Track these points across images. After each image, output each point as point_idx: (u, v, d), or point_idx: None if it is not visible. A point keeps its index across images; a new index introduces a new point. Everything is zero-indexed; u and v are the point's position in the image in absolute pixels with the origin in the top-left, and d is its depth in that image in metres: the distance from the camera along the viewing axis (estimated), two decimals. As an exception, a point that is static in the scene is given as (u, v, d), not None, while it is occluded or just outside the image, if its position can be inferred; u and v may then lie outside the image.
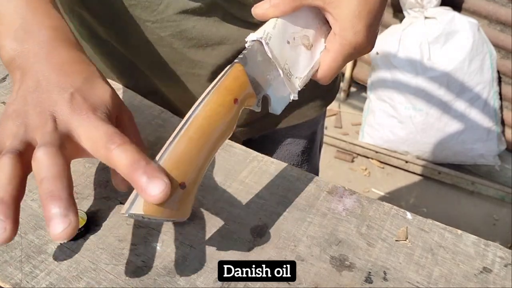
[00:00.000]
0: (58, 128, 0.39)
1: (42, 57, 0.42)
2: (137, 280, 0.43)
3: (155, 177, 0.35)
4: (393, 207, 0.51)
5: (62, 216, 0.33)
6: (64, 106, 0.39)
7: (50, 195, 0.34)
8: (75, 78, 0.41)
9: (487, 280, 0.45)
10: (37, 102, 0.40)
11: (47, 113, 0.39)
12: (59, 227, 0.33)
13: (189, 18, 0.57)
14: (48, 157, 0.36)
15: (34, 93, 0.40)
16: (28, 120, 0.39)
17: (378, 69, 2.04)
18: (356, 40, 0.47)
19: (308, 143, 0.78)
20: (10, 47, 0.43)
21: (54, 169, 0.35)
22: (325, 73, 0.49)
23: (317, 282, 0.44)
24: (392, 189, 2.02)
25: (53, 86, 0.40)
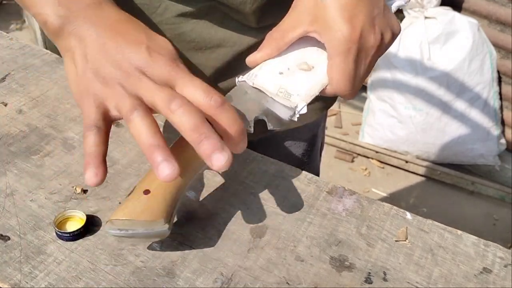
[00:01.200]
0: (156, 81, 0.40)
1: (95, 20, 0.42)
2: (136, 281, 0.43)
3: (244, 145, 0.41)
4: (393, 207, 0.51)
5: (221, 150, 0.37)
6: (147, 61, 0.40)
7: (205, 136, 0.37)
8: (139, 35, 0.42)
9: (487, 280, 0.45)
10: (116, 63, 0.40)
11: (133, 70, 0.40)
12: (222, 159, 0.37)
13: (187, 21, 0.57)
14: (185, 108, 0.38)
15: (106, 55, 0.41)
16: (119, 79, 0.40)
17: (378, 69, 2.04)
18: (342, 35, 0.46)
19: (308, 145, 0.78)
20: (57, 13, 0.42)
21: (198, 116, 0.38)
22: (336, 82, 0.48)
23: (316, 282, 0.44)
24: (392, 189, 2.02)
25: (124, 45, 0.41)
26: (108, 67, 0.40)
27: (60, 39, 0.43)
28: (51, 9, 0.42)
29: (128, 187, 0.51)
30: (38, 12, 0.44)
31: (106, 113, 0.40)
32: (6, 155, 0.54)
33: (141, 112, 0.38)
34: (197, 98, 0.39)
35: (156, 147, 0.37)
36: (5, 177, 0.51)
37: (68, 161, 0.53)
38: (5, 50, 0.70)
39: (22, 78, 0.65)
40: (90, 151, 0.38)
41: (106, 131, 0.40)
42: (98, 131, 0.39)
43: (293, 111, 0.48)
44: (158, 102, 0.38)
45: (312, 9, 0.47)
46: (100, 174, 0.38)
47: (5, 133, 0.56)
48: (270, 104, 0.48)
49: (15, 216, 0.47)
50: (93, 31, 0.42)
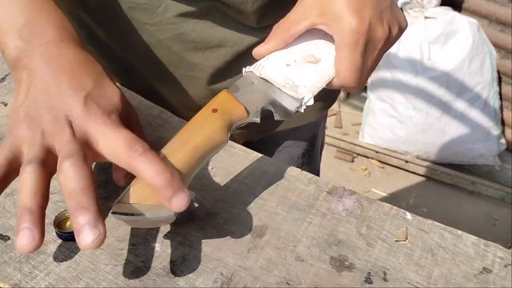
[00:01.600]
0: (76, 135, 0.39)
1: (50, 58, 0.42)
2: (136, 281, 0.43)
3: (179, 190, 0.37)
4: (393, 207, 0.51)
5: (92, 227, 0.34)
6: (79, 111, 0.39)
7: (80, 207, 0.35)
8: (86, 81, 0.41)
9: (487, 280, 0.45)
10: (50, 106, 0.40)
11: (62, 118, 0.39)
12: (89, 237, 0.34)
13: (188, 21, 0.57)
14: (75, 170, 0.36)
15: (45, 95, 0.40)
16: (44, 125, 0.39)
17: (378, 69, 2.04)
18: (351, 27, 0.45)
19: (308, 145, 0.78)
20: (15, 45, 0.42)
21: (82, 182, 0.36)
22: (344, 74, 0.48)
23: (316, 282, 0.44)
24: (392, 189, 2.02)
25: (65, 89, 0.40)
26: (40, 109, 0.40)
27: (15, 70, 0.43)
28: (11, 40, 0.43)
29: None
30: (0, 41, 0.44)
31: (17, 158, 0.39)
32: (6, 155, 0.54)
33: (33, 167, 0.37)
34: (117, 150, 0.38)
35: (27, 210, 0.36)
36: (5, 177, 0.51)
37: (68, 161, 0.53)
38: (5, 50, 0.70)
39: (22, 78, 0.65)
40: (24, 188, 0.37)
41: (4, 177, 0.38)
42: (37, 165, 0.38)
43: (300, 102, 0.48)
44: (59, 157, 0.38)
45: (319, 1, 0.47)
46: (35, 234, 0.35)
47: (5, 133, 0.56)
48: (277, 95, 0.48)
49: (15, 216, 0.47)
50: (43, 69, 0.41)
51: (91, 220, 0.35)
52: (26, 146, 0.39)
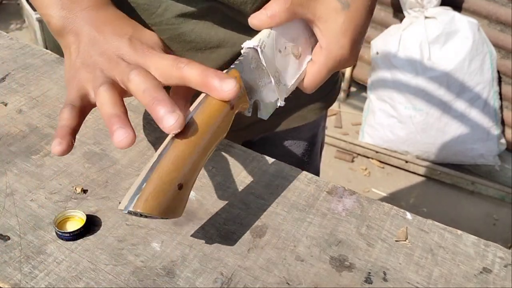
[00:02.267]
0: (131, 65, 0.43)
1: (91, 19, 0.47)
2: (136, 281, 0.43)
3: (226, 78, 0.41)
4: (393, 207, 0.51)
5: (171, 112, 0.38)
6: (127, 48, 0.45)
7: (156, 100, 0.39)
8: (126, 28, 0.47)
9: (487, 280, 0.45)
10: (101, 52, 0.45)
11: (114, 57, 0.44)
12: (171, 120, 0.38)
13: (188, 22, 0.57)
14: (141, 75, 0.41)
15: (94, 45, 0.45)
16: (100, 65, 0.44)
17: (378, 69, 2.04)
18: (341, 54, 0.50)
19: (308, 145, 0.78)
20: (58, 15, 0.48)
21: (152, 82, 0.41)
22: (309, 83, 0.52)
23: (316, 282, 0.44)
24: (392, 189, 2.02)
25: (110, 36, 0.46)
26: (93, 56, 0.45)
27: (62, 37, 0.48)
28: (54, 11, 0.48)
29: (128, 187, 0.51)
30: (44, 13, 0.49)
31: (85, 96, 0.44)
32: (6, 155, 0.54)
33: (106, 86, 0.42)
34: (166, 68, 0.42)
35: (114, 115, 0.40)
36: (5, 177, 0.51)
37: (68, 161, 0.53)
38: (5, 50, 0.70)
39: (22, 78, 0.65)
40: (61, 124, 0.41)
41: (81, 109, 0.43)
42: (72, 108, 0.42)
43: (277, 102, 0.49)
44: (123, 76, 0.42)
45: (330, 10, 0.49)
46: (64, 143, 0.40)
47: (5, 133, 0.56)
48: (265, 86, 0.48)
49: (15, 216, 0.47)
50: (87, 28, 0.47)
51: (169, 108, 0.38)
52: (91, 84, 0.44)
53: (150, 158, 0.41)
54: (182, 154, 0.40)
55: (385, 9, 2.14)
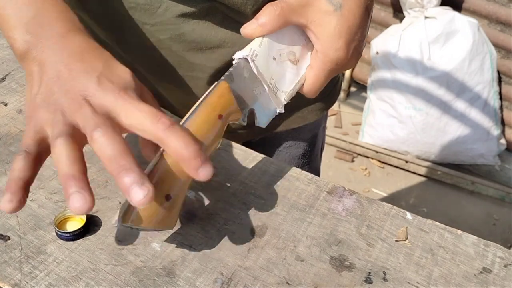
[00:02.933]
0: (96, 111, 0.39)
1: (58, 48, 0.42)
2: (136, 281, 0.43)
3: (206, 161, 0.38)
4: (393, 207, 0.51)
5: (140, 184, 0.35)
6: (94, 90, 0.40)
7: (123, 169, 0.36)
8: (96, 64, 0.42)
9: (487, 280, 0.45)
10: (65, 90, 0.40)
11: (79, 98, 0.39)
12: (140, 194, 0.35)
13: (188, 22, 0.57)
14: (107, 137, 0.37)
15: (58, 82, 0.41)
16: (62, 107, 0.40)
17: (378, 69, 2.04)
18: (337, 57, 0.49)
19: (308, 146, 0.78)
20: (23, 39, 0.43)
21: (118, 146, 0.37)
22: (309, 87, 0.52)
23: (316, 282, 0.44)
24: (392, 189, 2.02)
25: (77, 73, 0.41)
26: (56, 94, 0.40)
27: (25, 63, 0.44)
28: (19, 34, 0.43)
29: (128, 187, 0.51)
30: (7, 35, 0.44)
31: (43, 140, 0.39)
32: (6, 155, 0.54)
33: (64, 139, 0.37)
34: (143, 123, 0.38)
35: (71, 177, 0.36)
36: (5, 177, 0.51)
37: (68, 161, 0.53)
38: (5, 50, 0.70)
39: (22, 78, 0.65)
40: (12, 175, 0.37)
41: (37, 157, 0.39)
42: (26, 156, 0.38)
43: (275, 110, 0.50)
44: (86, 129, 0.38)
45: (323, 13, 0.48)
46: (15, 201, 0.36)
47: (5, 133, 0.56)
48: (261, 94, 0.48)
49: (15, 216, 0.47)
50: (53, 58, 0.42)
51: (137, 178, 0.35)
52: (49, 127, 0.39)
53: None
54: (169, 166, 0.40)
55: (385, 9, 2.14)
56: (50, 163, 0.53)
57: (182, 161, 0.38)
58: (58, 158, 0.37)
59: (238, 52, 0.47)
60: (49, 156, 0.53)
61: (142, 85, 0.45)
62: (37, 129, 0.40)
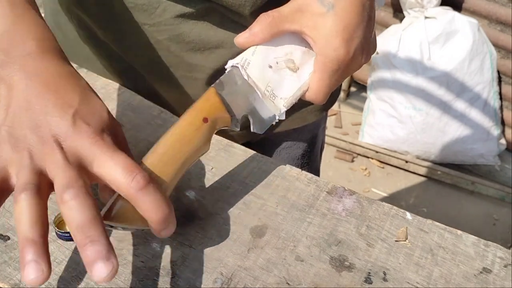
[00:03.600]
0: (68, 158, 0.36)
1: (30, 71, 0.38)
2: (136, 281, 0.43)
3: (171, 224, 0.38)
4: (393, 207, 0.51)
5: (105, 260, 0.33)
6: (68, 131, 0.37)
7: (89, 240, 0.33)
8: (71, 96, 0.38)
9: (487, 280, 0.45)
10: (35, 126, 0.37)
11: (49, 138, 0.36)
12: (104, 271, 0.33)
13: (187, 22, 0.57)
14: (79, 201, 0.34)
15: (28, 114, 0.37)
16: (30, 146, 0.36)
17: (378, 69, 2.04)
18: (337, 56, 0.48)
19: (308, 146, 0.78)
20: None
21: (88, 213, 0.34)
22: (315, 92, 0.50)
23: (316, 282, 0.44)
24: (392, 189, 2.02)
25: (50, 107, 0.37)
26: (24, 129, 0.37)
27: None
28: None
29: (128, 187, 0.51)
30: None
31: (5, 180, 0.36)
32: (6, 155, 0.54)
33: (29, 195, 0.34)
34: (116, 177, 0.36)
35: (30, 242, 0.33)
36: (5, 177, 0.51)
37: (68, 161, 0.53)
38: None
39: (22, 78, 0.65)
40: None
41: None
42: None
43: (274, 116, 0.49)
44: (56, 184, 0.35)
45: (316, 16, 0.48)
46: None
47: None
48: (257, 103, 0.48)
49: (15, 216, 0.47)
50: (24, 83, 0.38)
51: (103, 253, 0.33)
52: (14, 169, 0.36)
53: None
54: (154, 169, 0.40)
55: (385, 9, 2.14)
56: (50, 163, 0.53)
57: (150, 222, 0.38)
58: (19, 217, 0.34)
59: (230, 60, 0.47)
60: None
61: (116, 122, 0.43)
62: (0, 168, 0.36)
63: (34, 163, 0.36)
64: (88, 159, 0.37)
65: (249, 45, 0.48)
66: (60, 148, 0.36)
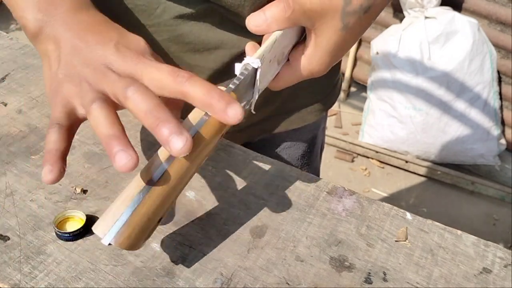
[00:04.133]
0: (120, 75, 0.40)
1: (71, 24, 0.43)
2: (136, 281, 0.43)
3: (232, 102, 0.38)
4: (393, 207, 0.51)
5: (179, 134, 0.36)
6: (115, 57, 0.41)
7: (160, 121, 0.36)
8: (110, 34, 0.43)
9: (487, 280, 0.45)
10: (85, 61, 0.41)
11: (101, 67, 0.41)
12: (179, 143, 0.35)
13: (186, 23, 0.57)
14: (141, 93, 0.38)
15: (76, 55, 0.42)
16: (86, 78, 0.41)
17: (378, 69, 2.04)
18: (318, 70, 0.48)
19: (308, 146, 0.78)
20: (35, 18, 0.44)
21: (153, 101, 0.37)
22: (279, 84, 0.50)
23: (316, 282, 0.44)
24: (392, 189, 2.02)
25: (94, 44, 0.42)
26: (77, 66, 0.41)
27: (38, 43, 0.45)
28: (31, 13, 0.44)
29: (128, 187, 0.51)
30: (19, 16, 0.45)
31: (72, 112, 0.41)
32: (6, 155, 0.54)
33: (99, 103, 0.39)
34: (163, 80, 0.39)
35: (113, 137, 0.37)
36: (5, 177, 0.51)
37: (68, 161, 0.53)
38: (5, 50, 0.70)
39: (22, 78, 0.65)
40: (49, 148, 0.38)
41: (68, 129, 0.40)
42: (59, 128, 0.39)
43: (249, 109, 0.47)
44: (117, 91, 0.39)
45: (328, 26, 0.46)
46: (56, 170, 0.37)
47: (5, 133, 0.56)
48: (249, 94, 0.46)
49: (14, 216, 0.47)
50: (67, 34, 0.43)
51: (175, 128, 0.36)
52: (77, 98, 0.41)
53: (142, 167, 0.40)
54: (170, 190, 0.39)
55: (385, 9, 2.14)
56: (50, 163, 0.53)
57: (209, 107, 0.38)
58: (97, 121, 0.38)
59: (249, 58, 0.44)
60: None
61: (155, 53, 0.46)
62: (64, 103, 0.41)
63: (93, 88, 0.40)
64: (138, 75, 0.40)
65: (258, 33, 0.47)
66: (111, 71, 0.40)
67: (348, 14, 0.46)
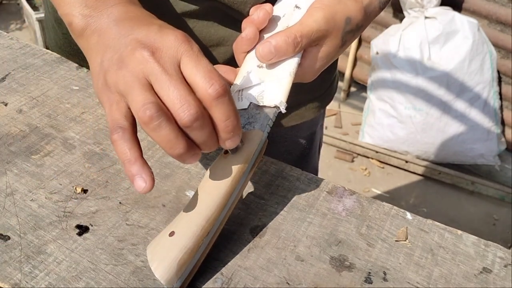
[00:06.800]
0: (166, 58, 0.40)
1: (115, 16, 0.44)
2: (136, 281, 0.43)
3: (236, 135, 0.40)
4: (393, 207, 0.51)
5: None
6: (156, 36, 0.40)
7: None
8: (153, 24, 0.43)
9: (487, 280, 0.45)
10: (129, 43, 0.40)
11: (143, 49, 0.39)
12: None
13: (189, 20, 0.57)
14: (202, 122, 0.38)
15: (121, 38, 0.41)
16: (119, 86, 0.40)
17: (378, 69, 2.04)
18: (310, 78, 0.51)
19: (306, 143, 0.78)
20: (82, 14, 0.44)
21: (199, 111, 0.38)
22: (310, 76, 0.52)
23: (316, 282, 0.44)
24: (392, 189, 2.02)
25: (136, 29, 0.42)
26: (121, 50, 0.41)
27: (83, 39, 0.45)
28: (77, 9, 0.45)
29: (128, 187, 0.51)
30: (65, 13, 0.46)
31: (127, 108, 0.40)
32: (6, 155, 0.54)
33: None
34: (197, 82, 0.39)
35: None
36: (5, 177, 0.51)
37: (68, 161, 0.53)
38: (5, 50, 0.70)
39: (22, 78, 0.65)
40: (126, 158, 0.38)
41: (132, 130, 0.40)
42: (123, 133, 0.39)
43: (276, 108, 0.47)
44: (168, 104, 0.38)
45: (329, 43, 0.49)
46: (147, 179, 0.38)
47: (5, 133, 0.56)
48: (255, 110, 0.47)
49: (15, 216, 0.47)
50: (113, 24, 0.43)
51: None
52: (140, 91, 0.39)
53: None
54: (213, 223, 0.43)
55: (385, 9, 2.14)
56: (50, 163, 0.53)
57: (218, 130, 0.39)
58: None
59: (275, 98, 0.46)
60: (49, 156, 0.53)
61: None
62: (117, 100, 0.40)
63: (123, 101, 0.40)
64: (177, 57, 0.40)
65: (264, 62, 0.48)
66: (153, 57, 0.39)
67: (347, 33, 0.50)
